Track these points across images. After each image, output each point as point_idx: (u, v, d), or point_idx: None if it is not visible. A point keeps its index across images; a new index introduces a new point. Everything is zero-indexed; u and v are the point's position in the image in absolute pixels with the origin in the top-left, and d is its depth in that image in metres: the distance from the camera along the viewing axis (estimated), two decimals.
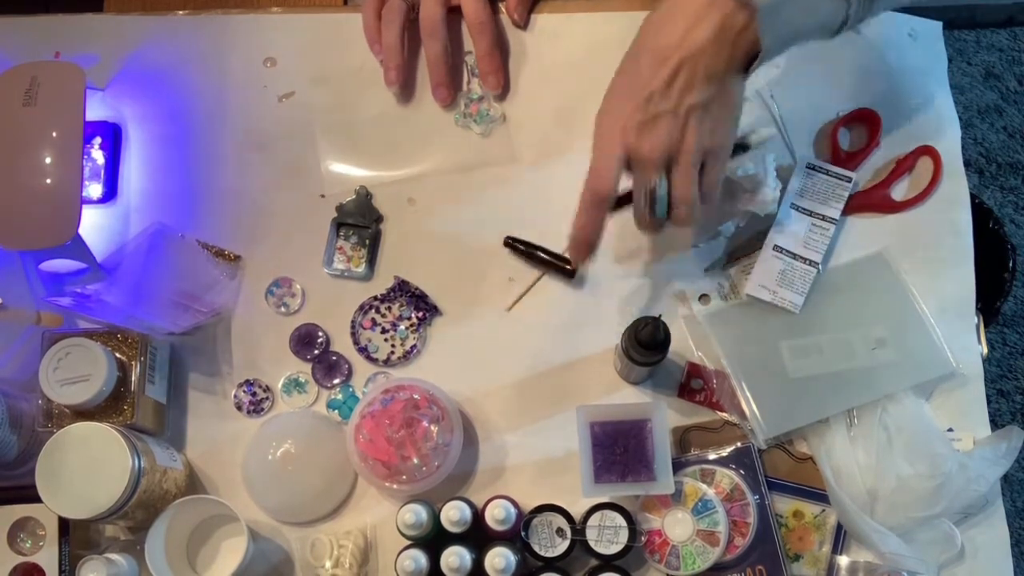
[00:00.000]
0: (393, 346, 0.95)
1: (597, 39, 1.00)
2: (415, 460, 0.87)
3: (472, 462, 0.92)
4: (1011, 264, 1.13)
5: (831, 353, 0.92)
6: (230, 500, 0.88)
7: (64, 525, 0.88)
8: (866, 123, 0.99)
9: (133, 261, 0.92)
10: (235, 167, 0.99)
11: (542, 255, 0.95)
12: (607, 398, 0.93)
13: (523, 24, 1.01)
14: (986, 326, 0.99)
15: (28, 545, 0.89)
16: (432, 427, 0.87)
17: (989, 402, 0.93)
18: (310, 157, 1.00)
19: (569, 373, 0.94)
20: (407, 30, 0.98)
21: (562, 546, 0.86)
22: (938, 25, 1.03)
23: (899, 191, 0.98)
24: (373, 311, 0.96)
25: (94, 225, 0.97)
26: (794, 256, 0.94)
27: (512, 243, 0.96)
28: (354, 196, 0.98)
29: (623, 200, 0.85)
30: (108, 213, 0.98)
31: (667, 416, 0.88)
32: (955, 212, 0.97)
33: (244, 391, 0.94)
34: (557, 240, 0.96)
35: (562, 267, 0.95)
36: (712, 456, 0.90)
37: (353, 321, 0.95)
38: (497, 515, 0.84)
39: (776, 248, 0.94)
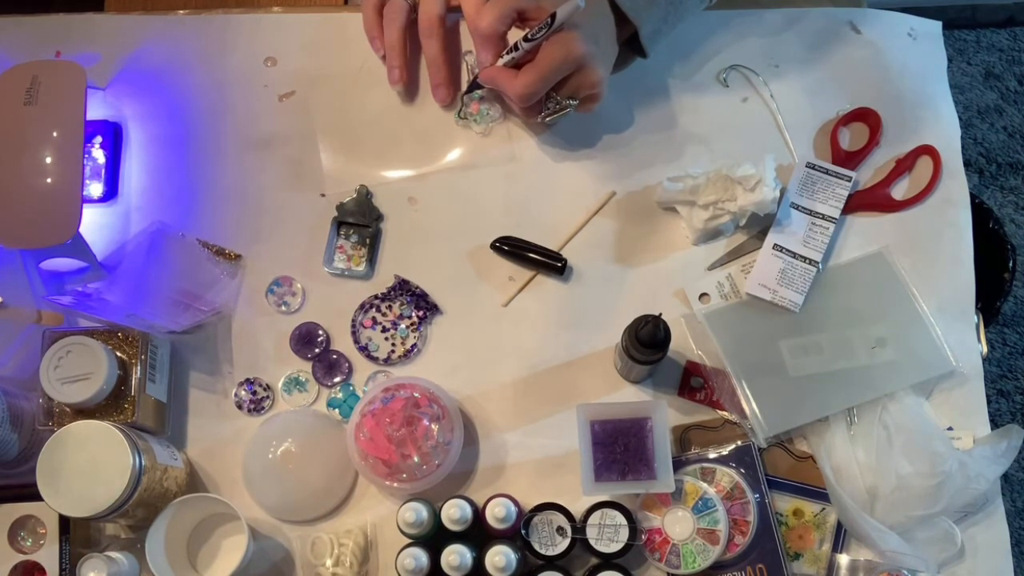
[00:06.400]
0: (393, 345, 0.95)
1: None
2: (415, 458, 0.87)
3: (472, 461, 0.92)
4: (1011, 264, 1.13)
5: (831, 352, 0.92)
6: (231, 499, 0.88)
7: (65, 523, 0.88)
8: (866, 122, 0.99)
9: (134, 260, 0.93)
10: (236, 166, 1.00)
11: (530, 255, 0.95)
12: (607, 397, 0.93)
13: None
14: (986, 326, 0.99)
15: (29, 543, 0.89)
16: (432, 426, 0.87)
17: (989, 402, 0.93)
18: (310, 156, 1.00)
19: (569, 372, 0.94)
20: (408, 29, 0.98)
21: (562, 544, 0.86)
22: (938, 25, 1.03)
23: (899, 190, 0.98)
24: (373, 310, 0.96)
25: (95, 224, 0.97)
26: (794, 255, 0.94)
27: (499, 246, 0.96)
28: (354, 195, 0.98)
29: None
30: (109, 212, 0.98)
31: (667, 415, 0.89)
32: (955, 212, 0.97)
33: (245, 390, 0.94)
34: (556, 239, 0.97)
35: (551, 264, 0.95)
36: (712, 455, 0.90)
37: (353, 320, 0.96)
38: (497, 513, 0.84)
39: (776, 247, 0.94)
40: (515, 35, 0.92)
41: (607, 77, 0.91)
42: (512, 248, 0.96)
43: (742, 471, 0.90)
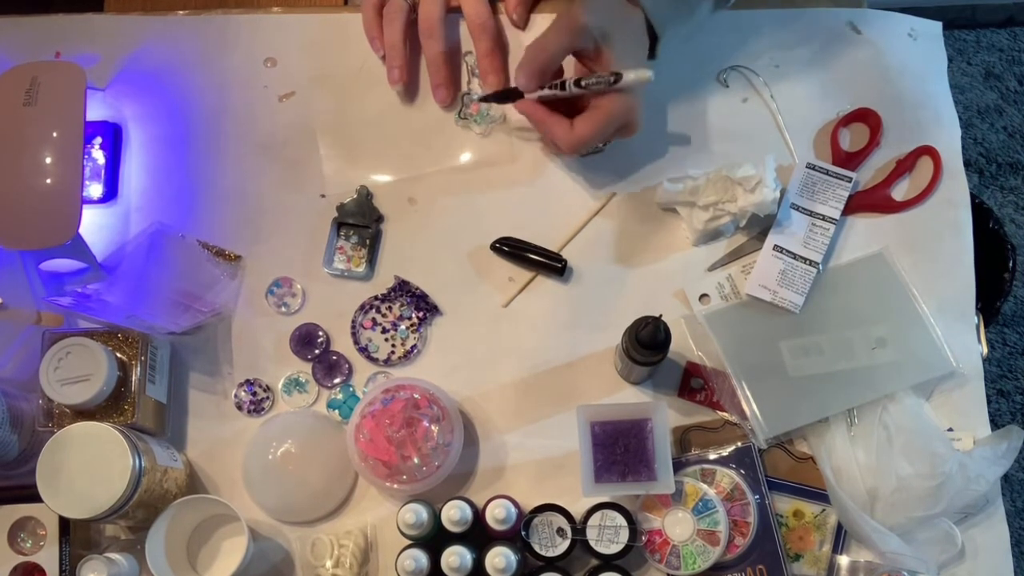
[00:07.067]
0: (393, 346, 0.95)
1: None
2: (415, 460, 0.87)
3: (472, 462, 0.92)
4: (1011, 264, 1.13)
5: (831, 353, 0.92)
6: (230, 500, 0.88)
7: (65, 525, 0.88)
8: (866, 123, 0.99)
9: (133, 261, 0.93)
10: (235, 167, 1.00)
11: (530, 255, 0.95)
12: (607, 398, 0.93)
13: (522, 25, 1.02)
14: (986, 326, 0.99)
15: (29, 545, 0.89)
16: (432, 427, 0.87)
17: (989, 402, 0.93)
18: (310, 157, 1.00)
19: (569, 373, 0.94)
20: (408, 29, 0.98)
21: (562, 546, 0.86)
22: (938, 25, 1.03)
23: (899, 191, 0.98)
24: (373, 311, 0.96)
25: (94, 225, 0.97)
26: (794, 256, 0.94)
27: (499, 247, 0.96)
28: (354, 196, 0.98)
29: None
30: (108, 213, 0.98)
31: (667, 416, 0.88)
32: (955, 212, 0.97)
33: (244, 391, 0.94)
34: (556, 240, 0.96)
35: (551, 264, 0.95)
36: (712, 456, 0.90)
37: (353, 321, 0.95)
38: (497, 515, 0.84)
39: (776, 248, 0.94)
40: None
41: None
42: (512, 249, 0.96)
43: (742, 472, 0.90)
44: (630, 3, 0.89)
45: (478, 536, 0.86)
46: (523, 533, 0.86)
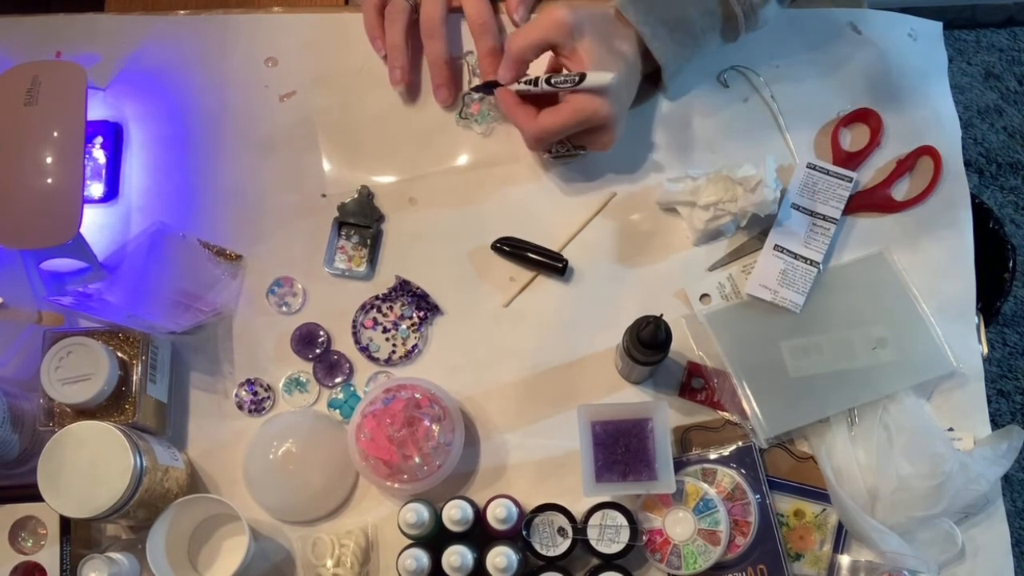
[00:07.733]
0: (394, 345, 0.95)
1: None
2: (416, 459, 0.87)
3: (473, 461, 0.92)
4: (1011, 264, 1.13)
5: (832, 353, 0.92)
6: (231, 499, 0.88)
7: (65, 524, 0.88)
8: (867, 123, 0.99)
9: (134, 260, 0.93)
10: (236, 166, 1.00)
11: (530, 255, 0.95)
12: (608, 397, 0.93)
13: (523, 24, 1.02)
14: (986, 326, 0.99)
15: (29, 544, 0.89)
16: (433, 426, 0.87)
17: (989, 402, 0.93)
18: (311, 157, 1.00)
19: (570, 373, 0.94)
20: (410, 30, 0.98)
21: (563, 545, 0.86)
22: (938, 25, 1.03)
23: (900, 191, 0.98)
24: (374, 310, 0.96)
25: (95, 224, 0.97)
26: (795, 256, 0.94)
27: (500, 247, 0.96)
28: (355, 196, 0.98)
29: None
30: (109, 212, 0.98)
31: (668, 415, 0.88)
32: (955, 212, 0.97)
33: (245, 390, 0.94)
34: (556, 239, 0.97)
35: (552, 264, 0.95)
36: (713, 455, 0.90)
37: (354, 320, 0.96)
38: (498, 514, 0.84)
39: (777, 248, 0.94)
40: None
41: (621, 134, 0.93)
42: (513, 249, 0.96)
43: (743, 472, 0.90)
44: (624, 24, 0.91)
45: (479, 536, 0.87)
46: (524, 532, 0.86)
